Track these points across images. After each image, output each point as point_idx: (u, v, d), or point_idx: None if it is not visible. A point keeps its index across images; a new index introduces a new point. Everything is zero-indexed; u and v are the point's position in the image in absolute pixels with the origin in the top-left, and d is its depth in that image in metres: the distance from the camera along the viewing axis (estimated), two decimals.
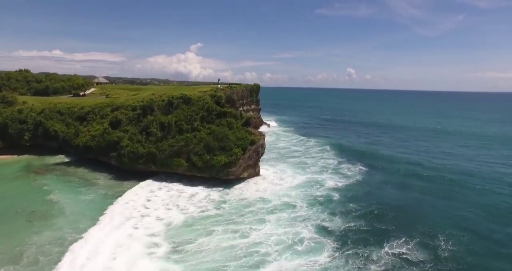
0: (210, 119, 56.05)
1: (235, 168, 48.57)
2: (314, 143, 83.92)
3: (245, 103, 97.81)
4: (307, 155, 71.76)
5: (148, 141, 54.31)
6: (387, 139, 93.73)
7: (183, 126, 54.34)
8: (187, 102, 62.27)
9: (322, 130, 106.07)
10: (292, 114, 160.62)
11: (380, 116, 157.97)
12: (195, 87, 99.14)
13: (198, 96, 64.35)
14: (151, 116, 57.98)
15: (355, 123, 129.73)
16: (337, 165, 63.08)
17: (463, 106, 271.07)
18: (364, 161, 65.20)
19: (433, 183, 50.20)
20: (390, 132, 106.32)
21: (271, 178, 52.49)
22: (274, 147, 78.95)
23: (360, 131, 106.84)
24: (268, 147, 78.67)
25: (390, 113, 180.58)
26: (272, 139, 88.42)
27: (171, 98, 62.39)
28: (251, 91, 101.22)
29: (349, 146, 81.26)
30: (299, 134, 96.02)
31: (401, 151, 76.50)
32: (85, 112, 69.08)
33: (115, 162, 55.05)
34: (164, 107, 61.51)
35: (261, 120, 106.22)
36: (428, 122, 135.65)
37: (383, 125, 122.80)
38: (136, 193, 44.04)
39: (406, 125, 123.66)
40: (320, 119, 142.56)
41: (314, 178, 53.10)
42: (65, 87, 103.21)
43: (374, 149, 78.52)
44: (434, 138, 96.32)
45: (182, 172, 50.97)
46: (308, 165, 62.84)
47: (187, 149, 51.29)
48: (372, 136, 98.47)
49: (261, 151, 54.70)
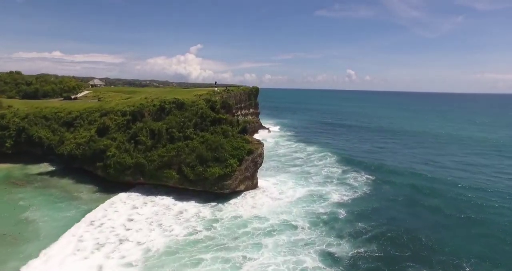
0: (204, 126, 51.78)
1: (230, 180, 44.26)
2: (316, 149, 79.69)
3: (243, 107, 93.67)
4: (309, 163, 67.51)
5: (137, 150, 50.06)
6: (391, 145, 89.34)
7: (174, 134, 50.06)
8: (180, 107, 58.05)
9: (324, 136, 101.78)
10: (292, 117, 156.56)
11: (382, 120, 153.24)
12: (191, 90, 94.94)
13: (192, 101, 60.12)
14: (140, 123, 53.73)
15: (357, 127, 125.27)
16: (342, 174, 58.92)
17: (464, 109, 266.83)
18: (370, 169, 61.13)
19: (446, 199, 45.54)
20: (394, 138, 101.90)
21: (271, 190, 48.19)
22: (274, 154, 74.75)
23: (363, 137, 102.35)
24: (268, 153, 74.51)
25: (392, 116, 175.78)
26: (272, 145, 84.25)
27: (162, 103, 58.13)
28: (249, 94, 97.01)
29: (353, 152, 77.24)
30: (300, 140, 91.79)
31: (408, 159, 72.06)
32: (73, 118, 64.86)
33: (101, 172, 50.75)
34: (155, 113, 57.27)
35: (260, 124, 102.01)
36: (431, 126, 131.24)
37: (386, 130, 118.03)
38: (117, 209, 39.59)
39: (409, 130, 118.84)
40: (321, 123, 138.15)
41: (317, 190, 48.82)
42: (55, 90, 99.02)
43: (379, 156, 74.34)
44: (439, 144, 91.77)
45: (173, 184, 46.67)
46: (311, 174, 58.64)
47: (178, 159, 47.00)
48: (376, 142, 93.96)
49: (259, 161, 50.42)
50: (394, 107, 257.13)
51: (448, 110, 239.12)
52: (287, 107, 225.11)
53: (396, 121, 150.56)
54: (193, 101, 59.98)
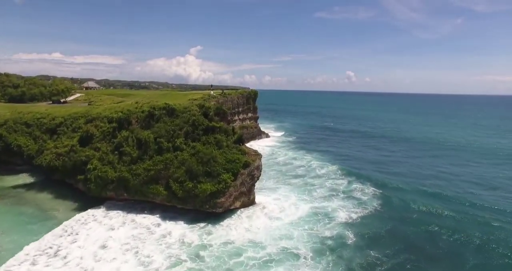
0: (196, 135, 46.94)
1: (223, 198, 39.39)
2: (318, 157, 74.87)
3: (241, 111, 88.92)
4: (312, 172, 62.66)
5: (122, 162, 45.23)
6: (397, 153, 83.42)
7: (163, 145, 45.19)
8: (170, 114, 53.26)
9: (326, 142, 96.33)
10: (292, 121, 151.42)
11: (386, 125, 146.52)
12: (187, 94, 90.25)
13: (184, 106, 55.31)
14: (126, 132, 48.91)
15: (360, 133, 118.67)
16: (347, 185, 54.18)
17: (467, 111, 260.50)
18: (376, 181, 56.29)
19: (466, 223, 39.64)
20: (400, 144, 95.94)
21: (270, 207, 43.28)
22: (273, 162, 69.92)
23: (367, 144, 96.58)
24: (267, 162, 69.72)
25: (396, 120, 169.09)
26: (272, 152, 79.44)
27: (152, 109, 53.35)
28: (247, 98, 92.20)
29: (357, 161, 72.42)
30: (301, 146, 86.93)
31: (416, 169, 66.62)
32: (56, 124, 60.02)
33: (82, 186, 45.97)
34: (143, 120, 52.46)
35: (259, 129, 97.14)
36: (437, 131, 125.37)
37: (390, 136, 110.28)
38: (90, 231, 34.61)
39: (415, 136, 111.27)
40: (322, 128, 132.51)
41: (322, 207, 44.03)
42: (44, 93, 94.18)
43: (385, 166, 69.29)
44: (447, 151, 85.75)
45: (160, 201, 41.80)
46: (315, 186, 53.90)
47: (166, 173, 42.14)
48: (380, 149, 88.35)
49: (257, 174, 45.58)
50: (396, 110, 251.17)
51: (451, 113, 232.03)
52: (287, 110, 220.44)
53: (400, 126, 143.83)
54: (185, 107, 55.19)
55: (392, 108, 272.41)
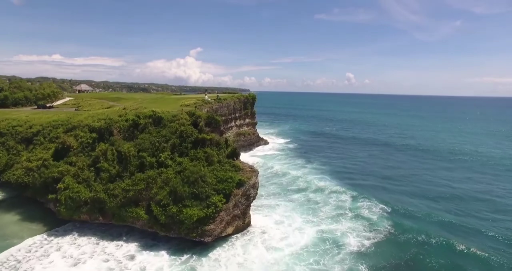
0: (183, 149, 41.22)
1: (213, 225, 33.64)
2: (320, 167, 69.30)
3: (238, 117, 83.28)
4: (313, 185, 57.01)
5: (100, 179, 39.51)
6: (405, 164, 75.37)
7: (145, 160, 39.45)
8: (157, 123, 47.61)
9: (327, 150, 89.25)
10: (293, 125, 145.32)
11: (389, 131, 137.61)
12: (180, 98, 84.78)
13: (173, 114, 49.65)
14: (105, 144, 43.16)
15: (363, 140, 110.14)
16: (353, 202, 48.62)
17: (472, 114, 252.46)
18: (383, 197, 50.89)
19: (491, 249, 34.61)
20: (406, 154, 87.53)
21: (271, 232, 37.66)
22: (272, 173, 64.19)
23: (370, 152, 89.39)
24: (265, 173, 64.02)
25: (399, 125, 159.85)
26: (271, 161, 73.70)
27: (136, 118, 47.67)
28: (245, 103, 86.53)
29: (361, 173, 66.08)
30: (302, 155, 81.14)
31: (427, 185, 58.69)
32: (33, 133, 54.37)
33: (54, 206, 40.22)
34: (127, 130, 46.77)
35: (257, 136, 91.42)
36: (443, 138, 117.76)
37: (395, 144, 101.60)
38: (50, 269, 28.85)
39: (421, 143, 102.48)
40: (323, 133, 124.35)
41: (329, 230, 38.48)
42: (29, 98, 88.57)
43: (392, 179, 62.48)
44: (459, 163, 76.70)
45: (141, 226, 36.06)
46: (319, 203, 48.41)
47: (148, 194, 36.41)
48: (386, 160, 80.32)
49: (253, 193, 39.86)
50: (398, 114, 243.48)
51: (456, 117, 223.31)
52: (287, 114, 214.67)
53: (404, 131, 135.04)
54: (174, 116, 49.51)
55: (394, 112, 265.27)
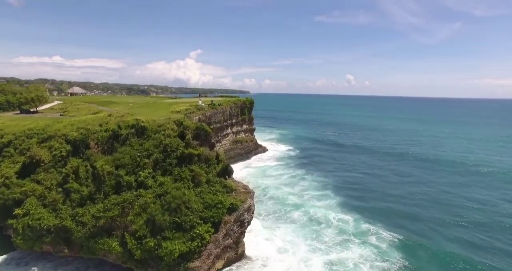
0: (167, 166, 35.70)
1: (198, 261, 28.09)
2: (321, 180, 63.97)
3: (234, 123, 77.77)
4: (313, 202, 51.95)
5: (70, 201, 34.00)
6: (411, 178, 67.30)
7: (122, 179, 33.90)
8: (140, 133, 42.17)
9: (328, 160, 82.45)
10: (293, 130, 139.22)
11: (393, 137, 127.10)
12: (172, 103, 79.29)
13: (158, 124, 44.17)
14: (78, 159, 37.67)
15: (365, 149, 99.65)
16: (356, 225, 43.82)
17: (477, 118, 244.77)
18: (390, 220, 45.81)
19: None
20: (412, 165, 78.08)
21: (271, 265, 32.19)
22: (271, 187, 58.64)
23: (373, 162, 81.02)
24: (263, 186, 58.60)
25: (403, 130, 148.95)
26: (270, 172, 68.19)
27: (117, 128, 42.17)
28: (242, 108, 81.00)
29: (362, 190, 59.29)
30: (301, 165, 75.36)
31: (440, 205, 51.37)
32: (4, 144, 48.89)
33: (14, 234, 34.59)
34: (106, 142, 41.31)
35: (256, 143, 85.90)
36: (453, 147, 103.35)
37: (400, 153, 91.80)
38: None
39: (429, 153, 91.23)
40: (324, 140, 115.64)
41: (338, 261, 33.53)
42: (11, 102, 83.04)
43: (398, 197, 55.38)
44: (475, 176, 68.04)
45: (114, 260, 30.47)
46: (321, 224, 43.59)
47: (123, 221, 30.86)
48: (391, 171, 72.19)
49: (247, 218, 34.34)
50: (400, 117, 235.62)
51: (460, 121, 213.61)
52: (287, 117, 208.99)
53: (409, 138, 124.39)
54: (160, 125, 44.04)
55: (396, 115, 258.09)
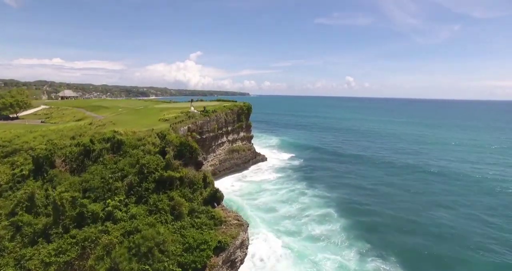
0: (143, 191, 29.36)
1: None
2: (324, 194, 57.85)
3: (230, 131, 71.48)
4: (313, 224, 45.62)
5: (21, 236, 27.67)
6: (429, 201, 55.17)
7: (86, 210, 27.57)
8: (116, 149, 35.95)
9: (333, 171, 74.70)
10: (293, 136, 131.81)
11: (400, 144, 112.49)
12: (162, 109, 73.04)
13: (138, 138, 37.92)
14: (35, 182, 31.39)
15: (372, 159, 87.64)
16: (362, 263, 36.64)
17: (483, 121, 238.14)
18: (404, 258, 37.65)
19: None
20: (427, 181, 66.35)
21: None
22: (267, 206, 52.26)
23: (382, 177, 70.35)
24: (261, 200, 52.34)
25: (410, 136, 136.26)
26: (267, 185, 61.81)
27: (89, 143, 35.91)
28: (239, 114, 74.68)
29: (375, 213, 50.76)
30: (303, 176, 69.04)
31: (470, 245, 40.92)
32: None
33: None
34: (75, 159, 35.10)
35: (254, 151, 79.55)
36: (466, 157, 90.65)
37: (411, 165, 79.88)
38: None
39: (443, 167, 77.02)
40: (328, 149, 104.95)
41: None
42: None
43: (416, 225, 46.42)
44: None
45: None
46: (328, 261, 36.62)
47: (83, 265, 24.49)
48: (403, 189, 61.49)
49: (240, 256, 28.00)
50: (404, 121, 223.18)
51: (467, 125, 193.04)
52: (287, 121, 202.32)
53: (417, 146, 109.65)
54: (140, 139, 37.82)
55: (399, 119, 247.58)
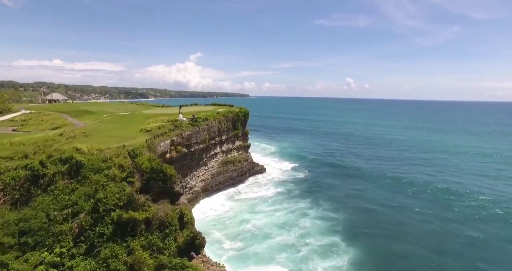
0: (96, 238, 21.87)
1: None
2: (329, 215, 49.40)
3: (224, 140, 63.98)
4: (315, 258, 37.72)
5: None
6: (460, 231, 42.84)
7: (13, 267, 20.05)
8: (75, 172, 28.55)
9: (336, 186, 64.22)
10: (294, 142, 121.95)
11: (407, 153, 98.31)
12: (150, 116, 65.65)
13: (104, 157, 30.43)
14: None
15: (381, 172, 74.93)
16: None
17: (489, 125, 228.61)
18: None
19: None
20: (449, 207, 52.13)
21: None
22: (261, 233, 44.34)
23: (395, 198, 56.87)
24: (246, 234, 43.79)
25: (416, 143, 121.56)
26: (263, 207, 53.78)
27: (38, 166, 28.48)
28: (234, 121, 67.09)
29: (393, 249, 40.23)
30: (306, 191, 60.66)
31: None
32: None
33: None
34: (20, 187, 27.70)
35: (251, 162, 71.93)
36: (485, 171, 75.30)
37: (425, 182, 65.39)
38: None
39: (460, 184, 64.68)
40: (330, 159, 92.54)
41: None
42: None
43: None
44: None
45: None
46: None
47: None
48: (419, 215, 48.83)
49: None
50: (408, 125, 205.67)
51: (474, 130, 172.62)
52: (287, 125, 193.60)
53: (431, 157, 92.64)
54: (106, 160, 30.31)
55: (403, 123, 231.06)
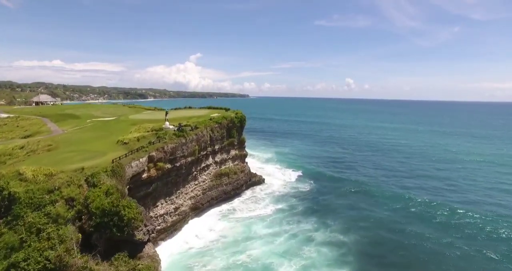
0: None
1: None
2: (338, 238, 42.01)
3: (217, 150, 56.68)
4: None
5: None
6: None
7: None
8: (5, 209, 21.44)
9: (344, 203, 56.00)
10: (295, 148, 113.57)
11: (416, 161, 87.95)
12: (136, 122, 58.50)
13: (50, 187, 23.23)
14: None
15: (393, 186, 64.01)
16: None
17: (495, 128, 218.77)
18: None
19: None
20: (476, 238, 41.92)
21: None
22: (268, 256, 37.19)
23: (413, 218, 48.00)
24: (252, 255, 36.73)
25: (424, 149, 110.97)
26: (260, 229, 46.43)
27: None
28: (229, 128, 59.74)
29: None
30: (310, 211, 52.52)
31: None
32: None
33: None
34: None
35: (248, 173, 64.63)
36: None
37: (445, 205, 53.20)
38: None
39: (480, 200, 55.73)
40: (335, 168, 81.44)
41: None
42: None
43: None
44: None
45: None
46: None
47: None
48: (442, 245, 40.03)
49: None
50: (412, 128, 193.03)
51: (481, 134, 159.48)
52: (288, 128, 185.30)
53: (446, 169, 79.26)
54: (51, 190, 23.12)
55: (406, 125, 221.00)
